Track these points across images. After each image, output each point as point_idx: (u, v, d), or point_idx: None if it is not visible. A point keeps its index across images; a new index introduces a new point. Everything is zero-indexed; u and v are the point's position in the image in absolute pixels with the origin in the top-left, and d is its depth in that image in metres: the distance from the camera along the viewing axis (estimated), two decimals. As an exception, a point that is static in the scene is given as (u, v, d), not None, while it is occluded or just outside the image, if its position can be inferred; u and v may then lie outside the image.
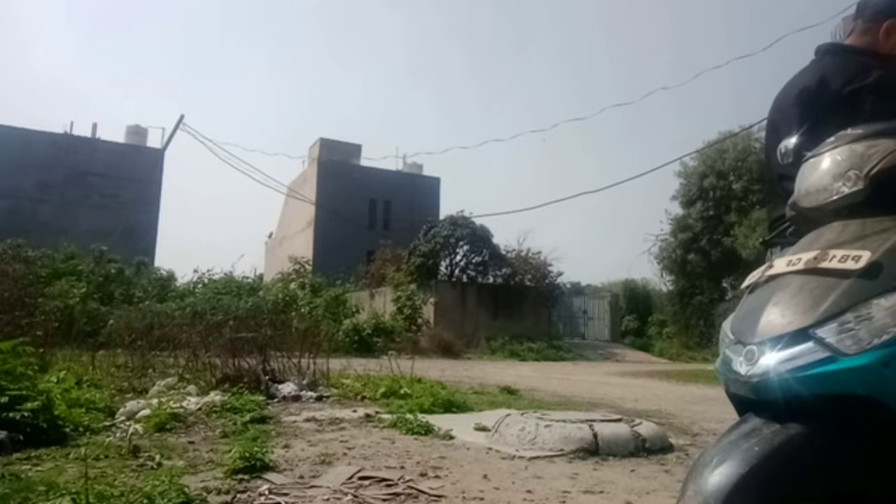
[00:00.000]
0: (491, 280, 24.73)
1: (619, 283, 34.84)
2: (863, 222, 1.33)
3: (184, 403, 5.50)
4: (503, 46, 74.01)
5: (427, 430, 4.71)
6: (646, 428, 4.49)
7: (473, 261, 24.76)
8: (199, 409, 5.41)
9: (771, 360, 1.22)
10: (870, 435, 1.16)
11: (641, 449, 4.19)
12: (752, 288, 1.46)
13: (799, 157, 1.62)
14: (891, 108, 1.70)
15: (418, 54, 79.48)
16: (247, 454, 3.33)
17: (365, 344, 18.27)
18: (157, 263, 27.90)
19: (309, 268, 28.43)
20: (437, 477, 3.38)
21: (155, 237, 34.63)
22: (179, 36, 74.06)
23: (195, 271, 24.17)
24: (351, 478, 3.26)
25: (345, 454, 3.90)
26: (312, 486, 3.08)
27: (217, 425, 4.82)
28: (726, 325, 1.44)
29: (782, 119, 2.02)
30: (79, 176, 32.73)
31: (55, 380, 5.68)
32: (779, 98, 2.12)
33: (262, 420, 5.04)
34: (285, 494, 2.92)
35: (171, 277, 23.76)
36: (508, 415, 4.86)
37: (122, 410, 5.19)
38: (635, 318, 31.70)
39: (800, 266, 1.32)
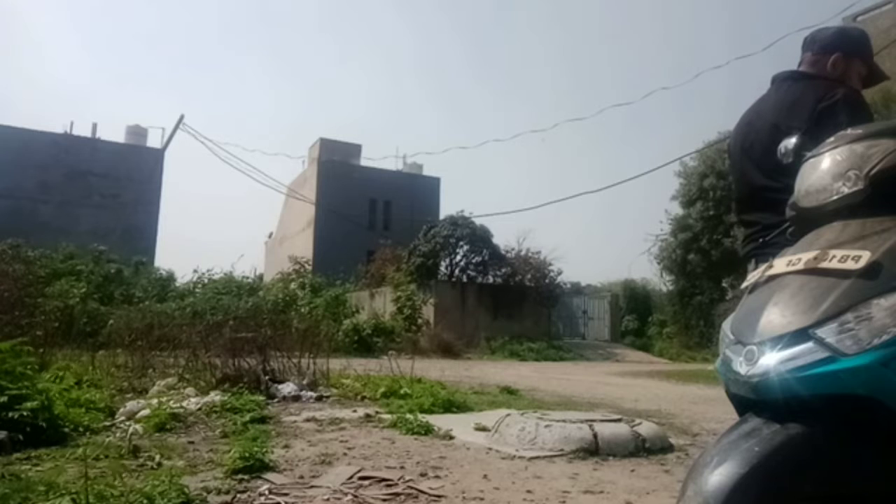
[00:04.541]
0: (491, 280, 24.70)
1: (618, 283, 34.77)
2: (863, 222, 1.33)
3: (184, 403, 5.50)
4: (503, 46, 74.03)
5: (427, 430, 4.71)
6: (646, 428, 4.49)
7: (473, 261, 24.73)
8: (199, 409, 5.41)
9: (771, 360, 1.22)
10: (870, 435, 1.16)
11: (641, 449, 4.19)
12: (752, 288, 1.46)
13: (799, 157, 1.63)
14: (860, 117, 1.97)
15: (419, 54, 79.57)
16: (247, 454, 3.33)
17: (365, 344, 18.25)
18: (156, 263, 27.92)
19: (309, 268, 28.39)
20: (437, 477, 3.38)
21: (155, 237, 34.65)
22: (179, 35, 74.15)
23: (195, 271, 24.10)
24: (351, 478, 3.26)
25: (345, 454, 3.90)
26: (312, 486, 3.08)
27: (217, 425, 4.82)
28: (726, 325, 1.44)
29: (763, 133, 2.22)
30: (79, 176, 32.72)
31: (54, 379, 5.67)
32: (749, 119, 2.30)
33: (262, 420, 5.03)
34: (285, 494, 2.92)
35: (170, 277, 23.72)
36: (508, 415, 4.86)
37: (122, 410, 5.19)
38: (635, 318, 31.64)
39: (800, 266, 1.32)
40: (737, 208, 2.45)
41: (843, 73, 2.26)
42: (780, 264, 1.39)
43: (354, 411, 5.77)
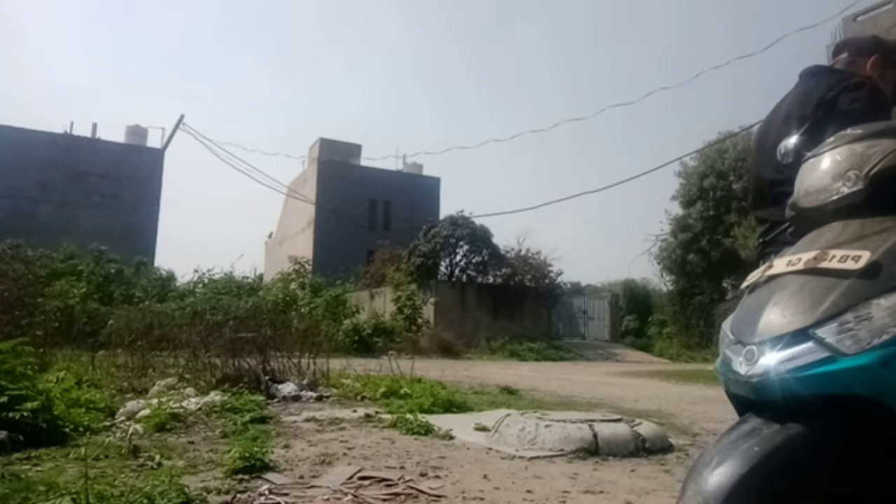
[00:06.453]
0: (491, 280, 24.72)
1: (619, 283, 34.80)
2: (863, 222, 1.32)
3: (184, 403, 5.50)
4: (503, 46, 74.02)
5: (427, 430, 4.71)
6: (646, 428, 4.49)
7: (473, 261, 24.75)
8: (199, 409, 5.41)
9: (771, 360, 1.22)
10: (870, 435, 1.16)
11: (641, 449, 4.19)
12: (752, 288, 1.46)
13: (799, 157, 1.63)
14: (870, 106, 1.88)
15: (419, 54, 79.60)
16: (247, 454, 3.33)
17: (365, 344, 18.26)
18: (157, 263, 27.91)
19: (309, 268, 28.41)
20: (437, 477, 3.38)
21: (155, 237, 34.64)
22: (180, 36, 74.11)
23: (195, 271, 24.16)
24: (351, 478, 3.26)
25: (345, 454, 3.90)
26: (312, 486, 3.08)
27: (217, 425, 4.82)
28: (726, 325, 1.44)
29: (780, 126, 2.13)
30: (79, 176, 32.70)
31: (54, 379, 5.67)
32: (769, 115, 2.29)
33: (262, 420, 5.04)
34: (285, 494, 2.92)
35: (170, 277, 23.73)
36: (508, 415, 4.86)
37: (122, 410, 5.19)
38: (635, 318, 31.68)
39: (800, 266, 1.32)
40: (750, 204, 2.42)
41: (881, 75, 2.16)
42: (780, 264, 1.38)
43: (354, 411, 5.77)
